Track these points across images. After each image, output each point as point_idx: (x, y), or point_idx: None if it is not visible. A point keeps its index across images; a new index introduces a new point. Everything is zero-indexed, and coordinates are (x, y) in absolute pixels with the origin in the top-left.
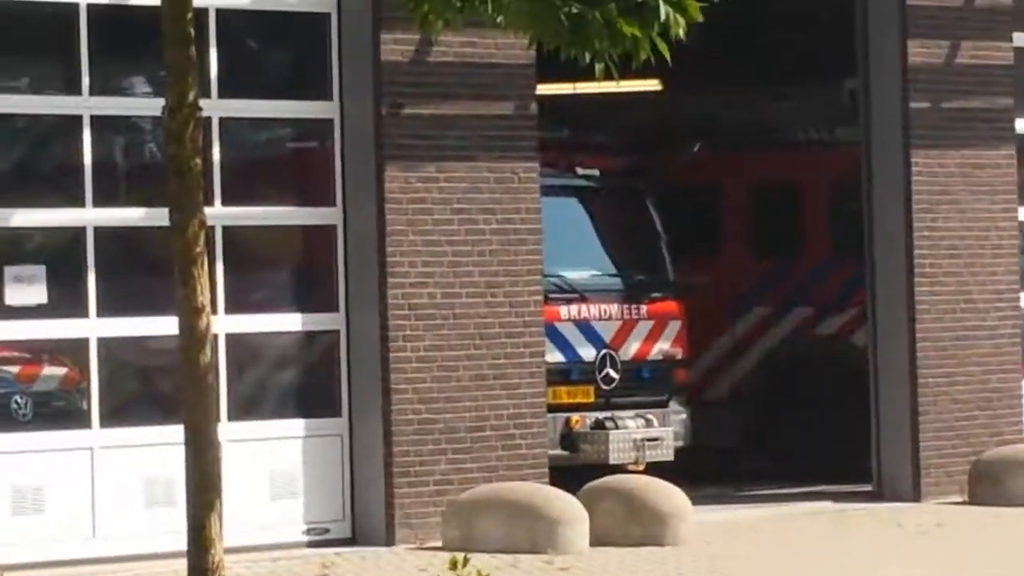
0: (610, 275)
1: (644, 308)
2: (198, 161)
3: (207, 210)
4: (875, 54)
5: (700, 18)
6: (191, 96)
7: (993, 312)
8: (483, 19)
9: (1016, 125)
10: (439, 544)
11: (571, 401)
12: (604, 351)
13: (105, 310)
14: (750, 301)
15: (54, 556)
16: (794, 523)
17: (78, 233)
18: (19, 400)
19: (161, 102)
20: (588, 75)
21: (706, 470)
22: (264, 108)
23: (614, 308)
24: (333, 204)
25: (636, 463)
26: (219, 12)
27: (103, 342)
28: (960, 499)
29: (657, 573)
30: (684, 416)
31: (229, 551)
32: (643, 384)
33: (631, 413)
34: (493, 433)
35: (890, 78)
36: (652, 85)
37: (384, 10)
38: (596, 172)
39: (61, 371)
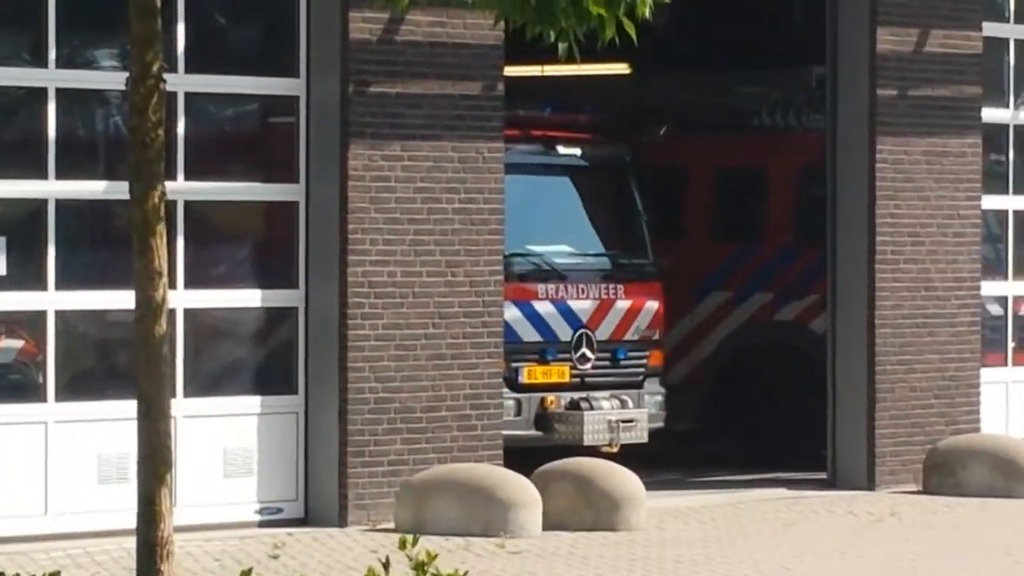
0: (590, 255)
1: (622, 288)
2: (160, 133)
3: (169, 184)
4: (844, 41)
5: None
6: (155, 68)
7: (953, 300)
8: None
9: (982, 114)
10: (392, 526)
11: (545, 380)
12: (581, 331)
13: (64, 283)
14: (710, 285)
15: (5, 532)
16: (747, 510)
17: (40, 205)
18: None
19: (126, 75)
20: (554, 57)
21: (662, 454)
22: (230, 83)
23: (592, 288)
24: (296, 181)
25: (611, 445)
26: None
27: (60, 315)
28: (914, 488)
29: (609, 558)
30: (660, 398)
31: (181, 529)
32: (619, 362)
33: (606, 394)
34: (449, 413)
35: (858, 65)
36: (620, 68)
37: None
38: (579, 151)
39: (18, 343)
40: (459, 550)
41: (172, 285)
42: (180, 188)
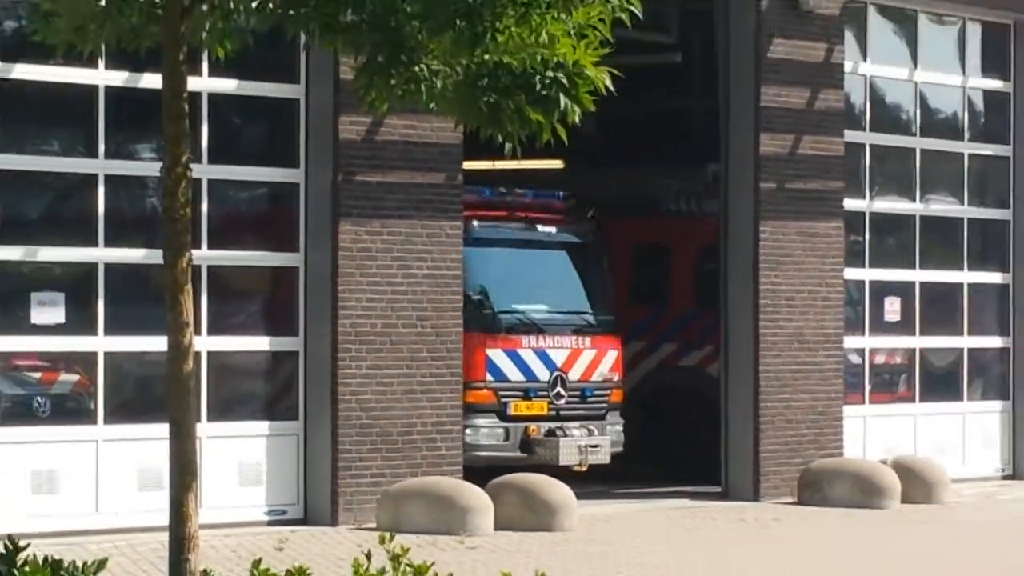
0: (563, 312)
1: (589, 340)
2: (187, 211)
3: (196, 252)
4: (734, 145)
5: (592, 108)
6: (184, 160)
7: (821, 351)
8: (420, 105)
9: (844, 204)
10: (374, 526)
11: (527, 412)
12: (556, 373)
13: (111, 329)
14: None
15: (64, 527)
16: (659, 516)
17: (92, 267)
18: (39, 400)
19: (160, 165)
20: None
21: (592, 471)
22: (244, 172)
23: (566, 339)
24: (296, 250)
25: (580, 465)
26: (210, 95)
27: (109, 355)
28: (791, 500)
29: (547, 553)
30: (619, 427)
31: (204, 527)
32: (587, 400)
33: (577, 424)
34: (419, 436)
35: (746, 164)
36: (557, 164)
37: (343, 97)
38: (555, 228)
39: (74, 377)
40: (427, 545)
41: (197, 332)
42: (204, 256)
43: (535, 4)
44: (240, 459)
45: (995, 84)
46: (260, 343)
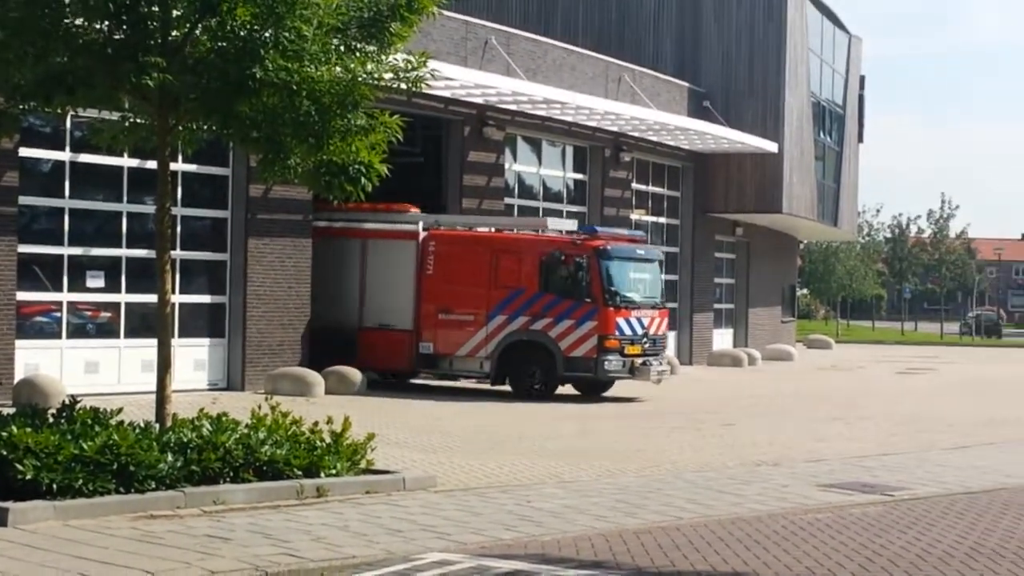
0: (647, 297)
1: (658, 313)
2: (169, 231)
3: (173, 252)
4: (451, 202)
5: (377, 183)
6: (167, 204)
7: None
8: (289, 180)
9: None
10: (263, 391)
11: (633, 352)
12: (645, 331)
13: (129, 291)
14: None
15: (102, 391)
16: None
17: (119, 259)
18: (90, 326)
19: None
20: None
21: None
22: (199, 212)
23: (649, 312)
24: (225, 251)
25: (657, 381)
26: (183, 172)
27: (127, 304)
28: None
29: (348, 405)
30: (668, 359)
31: (174, 391)
32: (657, 345)
33: (655, 358)
34: (283, 346)
35: (456, 211)
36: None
37: (250, 174)
38: (643, 251)
39: (109, 314)
40: (289, 402)
41: (172, 292)
42: (177, 253)
43: (350, 131)
44: (194, 356)
45: (579, 176)
46: (204, 298)
